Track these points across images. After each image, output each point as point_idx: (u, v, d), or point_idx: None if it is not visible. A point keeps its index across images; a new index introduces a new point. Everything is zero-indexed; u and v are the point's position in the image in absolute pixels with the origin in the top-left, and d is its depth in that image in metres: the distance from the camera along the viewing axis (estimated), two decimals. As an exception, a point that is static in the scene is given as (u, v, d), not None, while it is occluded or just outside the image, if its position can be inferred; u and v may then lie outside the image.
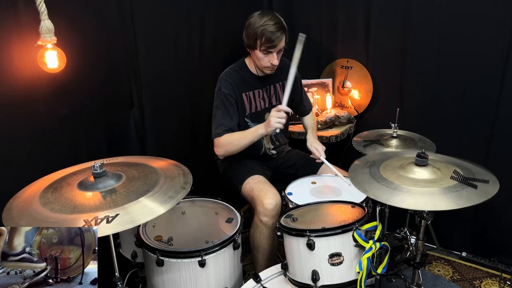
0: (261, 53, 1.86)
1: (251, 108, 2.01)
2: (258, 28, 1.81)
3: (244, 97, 1.98)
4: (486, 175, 1.41)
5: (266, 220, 1.79)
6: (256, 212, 1.85)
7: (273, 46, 1.84)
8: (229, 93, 1.92)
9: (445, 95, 2.27)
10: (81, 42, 1.62)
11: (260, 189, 1.85)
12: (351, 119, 2.56)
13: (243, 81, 1.98)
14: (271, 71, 1.95)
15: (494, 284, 2.23)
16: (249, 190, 1.89)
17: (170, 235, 1.57)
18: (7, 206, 1.24)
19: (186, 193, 1.30)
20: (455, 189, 1.32)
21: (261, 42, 1.83)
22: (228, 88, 1.92)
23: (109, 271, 1.34)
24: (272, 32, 1.81)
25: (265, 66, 1.91)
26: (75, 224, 1.12)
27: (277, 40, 1.82)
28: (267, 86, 2.04)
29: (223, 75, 1.99)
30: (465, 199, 1.27)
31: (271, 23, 1.81)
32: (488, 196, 1.29)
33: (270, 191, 1.82)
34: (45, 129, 1.57)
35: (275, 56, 1.87)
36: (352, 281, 1.39)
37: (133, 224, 1.15)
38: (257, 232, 1.84)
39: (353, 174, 1.48)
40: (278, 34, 1.82)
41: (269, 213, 1.78)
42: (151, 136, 2.02)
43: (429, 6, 2.19)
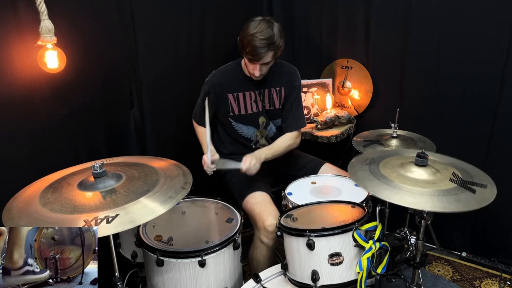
0: (247, 60, 1.84)
1: (240, 110, 1.97)
2: (247, 36, 1.76)
3: (230, 98, 1.94)
4: (485, 179, 1.43)
5: (267, 241, 1.79)
6: (256, 232, 1.84)
7: (256, 60, 1.79)
8: (208, 91, 1.94)
9: (445, 95, 2.27)
10: (81, 42, 1.62)
11: (261, 210, 1.81)
12: (351, 119, 2.56)
13: (232, 82, 1.95)
14: (256, 78, 1.90)
15: (494, 284, 2.23)
16: (249, 209, 1.86)
17: (170, 235, 1.57)
18: (7, 206, 1.24)
19: (186, 193, 1.31)
20: (454, 192, 1.33)
21: (246, 51, 1.79)
22: (209, 87, 1.95)
23: (109, 271, 1.34)
24: (257, 46, 1.74)
25: (251, 72, 1.89)
26: (75, 224, 1.13)
27: (261, 56, 1.76)
28: (261, 89, 1.98)
29: (214, 71, 1.99)
30: (463, 203, 1.29)
31: (260, 37, 1.73)
32: (486, 202, 1.31)
33: (271, 213, 1.79)
34: (45, 129, 1.57)
35: (257, 67, 1.81)
36: (352, 281, 1.39)
37: (133, 224, 1.15)
38: (257, 253, 1.84)
39: (353, 171, 1.49)
40: (262, 51, 1.75)
41: (270, 235, 1.77)
42: (151, 136, 2.02)
43: (429, 5, 2.19)
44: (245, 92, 1.96)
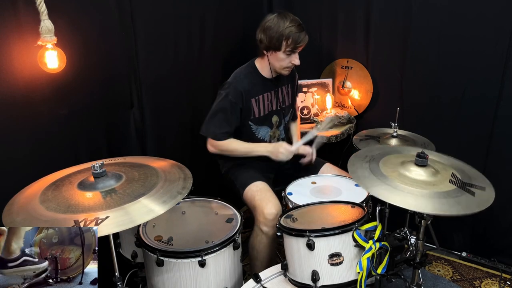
0: (284, 54, 1.87)
1: (259, 112, 1.99)
2: (284, 30, 1.82)
3: (253, 102, 1.96)
4: (483, 181, 1.43)
5: (267, 230, 1.80)
6: (256, 221, 1.85)
7: (298, 47, 1.88)
8: (236, 102, 1.90)
9: (445, 95, 2.27)
10: (81, 42, 1.62)
11: (262, 198, 1.83)
12: (351, 119, 2.56)
13: (253, 86, 1.96)
14: (288, 72, 1.97)
15: (494, 284, 2.23)
16: (250, 197, 1.88)
17: (170, 235, 1.57)
18: (10, 201, 1.26)
19: (181, 198, 1.29)
20: (454, 194, 1.33)
21: (287, 43, 1.84)
22: (236, 97, 1.90)
23: (109, 271, 1.34)
24: (298, 34, 1.84)
25: (285, 66, 1.92)
26: (64, 224, 1.12)
27: (303, 42, 1.87)
28: (276, 88, 2.03)
29: (233, 80, 1.95)
30: (464, 206, 1.29)
31: (296, 25, 1.84)
32: (486, 205, 1.31)
33: (271, 201, 1.81)
34: (45, 129, 1.57)
35: (297, 56, 1.91)
36: (352, 281, 1.38)
37: (121, 228, 1.14)
38: (257, 241, 1.85)
39: (353, 169, 1.49)
40: (303, 36, 1.85)
41: (270, 223, 1.78)
42: (151, 136, 2.02)
43: (429, 6, 2.19)
44: (264, 93, 1.99)
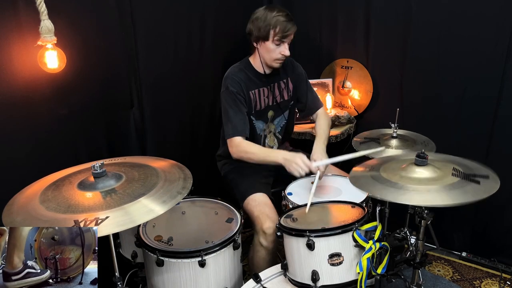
0: (273, 44, 1.89)
1: (256, 106, 2.02)
2: (271, 19, 1.86)
3: (251, 95, 1.98)
4: (484, 170, 1.43)
5: (266, 244, 1.79)
6: (255, 234, 1.85)
7: (286, 36, 1.89)
8: (237, 91, 1.91)
9: (445, 95, 2.27)
10: (81, 42, 1.62)
11: (260, 213, 1.82)
12: (351, 119, 2.56)
13: (249, 80, 1.98)
14: (279, 64, 1.97)
15: (494, 284, 2.23)
16: (249, 211, 1.88)
17: (170, 235, 1.57)
18: (10, 201, 1.26)
19: (181, 198, 1.29)
20: (459, 185, 1.33)
21: (275, 32, 1.86)
22: (236, 86, 1.92)
23: (109, 271, 1.34)
24: (285, 22, 1.86)
25: (276, 58, 1.93)
26: (64, 224, 1.12)
27: (290, 30, 1.88)
28: (271, 84, 2.04)
29: (229, 74, 1.98)
30: (472, 194, 1.29)
31: (283, 14, 1.87)
32: (493, 190, 1.31)
33: (270, 217, 1.79)
34: (45, 129, 1.57)
35: (286, 46, 1.91)
36: (352, 281, 1.39)
37: (131, 224, 1.14)
38: (257, 257, 1.84)
39: (355, 179, 1.48)
40: (290, 25, 1.88)
41: (269, 238, 1.78)
42: (151, 136, 2.02)
43: (429, 6, 2.19)
44: (259, 88, 2.02)
